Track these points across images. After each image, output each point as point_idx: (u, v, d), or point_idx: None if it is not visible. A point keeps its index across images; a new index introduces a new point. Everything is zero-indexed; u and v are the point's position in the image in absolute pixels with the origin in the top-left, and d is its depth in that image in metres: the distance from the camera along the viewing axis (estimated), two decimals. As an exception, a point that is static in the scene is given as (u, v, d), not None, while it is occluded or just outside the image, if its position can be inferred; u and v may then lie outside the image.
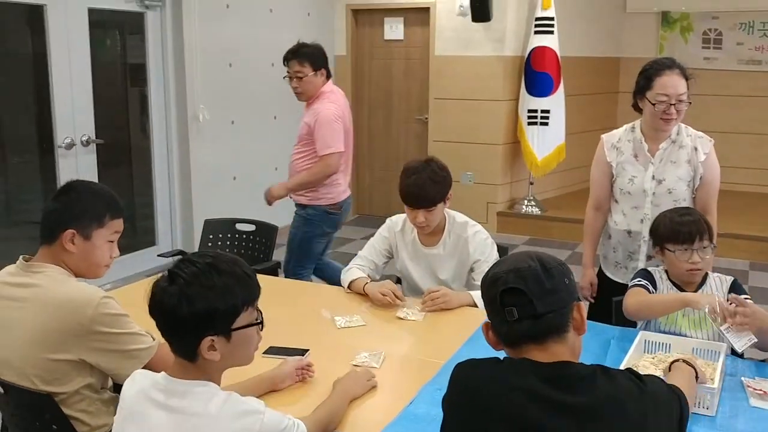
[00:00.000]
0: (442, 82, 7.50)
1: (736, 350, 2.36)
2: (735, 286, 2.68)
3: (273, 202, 4.33)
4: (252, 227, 4.20)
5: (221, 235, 4.19)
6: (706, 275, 2.70)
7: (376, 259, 3.24)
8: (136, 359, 2.06)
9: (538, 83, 7.10)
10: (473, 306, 2.94)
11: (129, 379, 1.73)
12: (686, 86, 2.95)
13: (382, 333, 2.73)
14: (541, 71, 7.06)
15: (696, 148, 3.06)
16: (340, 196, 4.36)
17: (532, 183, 7.56)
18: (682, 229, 2.62)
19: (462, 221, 3.15)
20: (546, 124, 7.15)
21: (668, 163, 3.07)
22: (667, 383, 1.67)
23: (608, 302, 2.97)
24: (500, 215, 7.50)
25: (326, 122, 4.12)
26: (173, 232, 6.27)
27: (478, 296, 2.89)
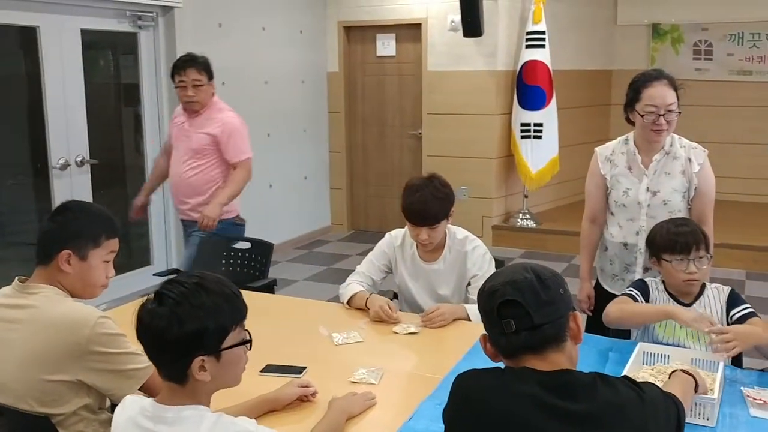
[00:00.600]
0: (435, 97, 7.53)
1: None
2: (732, 296, 2.68)
3: (212, 224, 4.06)
4: (248, 245, 4.19)
5: (217, 253, 4.17)
6: (703, 286, 2.69)
7: (374, 275, 3.24)
8: (133, 379, 2.05)
9: (531, 97, 7.14)
10: (467, 320, 2.94)
11: (120, 405, 1.72)
12: (675, 96, 2.96)
13: (380, 349, 2.72)
14: (534, 85, 7.10)
15: (690, 159, 3.06)
16: (239, 207, 4.36)
17: (526, 196, 7.57)
18: (678, 239, 2.62)
19: (462, 237, 3.15)
20: (539, 137, 7.17)
21: (662, 175, 3.07)
22: (663, 390, 1.67)
23: (606, 314, 2.96)
24: (495, 229, 7.50)
25: (237, 129, 4.17)
26: (168, 251, 6.25)
27: (472, 310, 2.91)
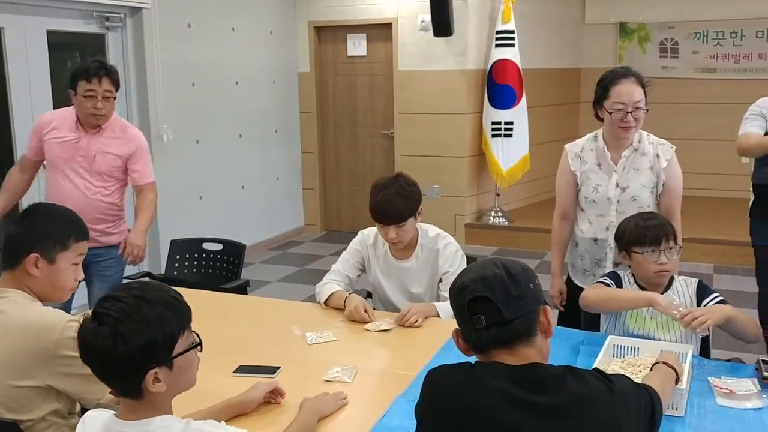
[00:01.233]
0: (406, 96, 7.54)
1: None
2: (701, 287, 2.73)
3: (142, 254, 3.70)
4: (219, 246, 4.17)
5: (188, 255, 4.14)
6: (672, 278, 2.74)
7: (349, 272, 3.24)
8: (103, 383, 2.03)
9: (501, 96, 7.18)
10: (437, 317, 2.95)
11: (80, 422, 1.68)
12: (643, 94, 2.99)
13: (353, 348, 2.72)
14: (504, 84, 7.14)
15: (658, 155, 3.10)
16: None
17: (498, 194, 7.62)
18: (648, 232, 2.67)
19: (434, 234, 3.17)
20: (510, 135, 7.22)
21: (631, 171, 3.11)
22: (635, 381, 1.69)
23: (577, 310, 2.99)
24: (468, 227, 7.54)
25: (146, 149, 3.79)
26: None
27: (443, 307, 2.93)
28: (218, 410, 2.06)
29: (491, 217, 7.60)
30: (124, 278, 3.85)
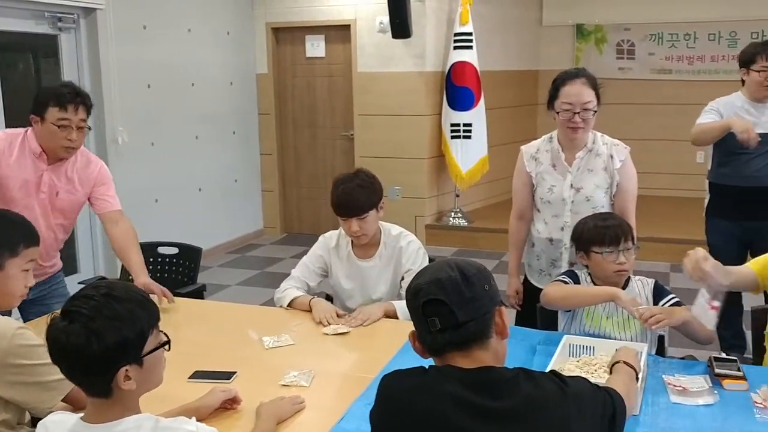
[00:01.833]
0: (365, 98, 7.54)
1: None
2: (658, 287, 2.77)
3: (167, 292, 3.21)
4: (175, 250, 4.11)
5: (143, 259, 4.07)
6: (628, 278, 2.77)
7: (309, 279, 3.22)
8: (55, 390, 1.99)
9: (460, 97, 7.22)
10: (395, 313, 2.96)
11: (40, 427, 1.65)
12: (594, 96, 3.01)
13: (311, 351, 2.70)
14: (462, 86, 7.18)
15: (612, 156, 3.13)
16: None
17: (458, 195, 7.66)
18: (607, 232, 2.70)
19: (396, 233, 3.18)
20: (469, 137, 7.26)
21: (585, 172, 3.13)
22: (594, 384, 1.68)
23: (534, 309, 3.01)
24: (428, 228, 7.56)
25: (111, 178, 3.47)
26: (95, 258, 6.09)
27: (401, 307, 2.93)
28: (174, 415, 2.03)
29: (451, 218, 7.64)
30: (79, 283, 3.76)
